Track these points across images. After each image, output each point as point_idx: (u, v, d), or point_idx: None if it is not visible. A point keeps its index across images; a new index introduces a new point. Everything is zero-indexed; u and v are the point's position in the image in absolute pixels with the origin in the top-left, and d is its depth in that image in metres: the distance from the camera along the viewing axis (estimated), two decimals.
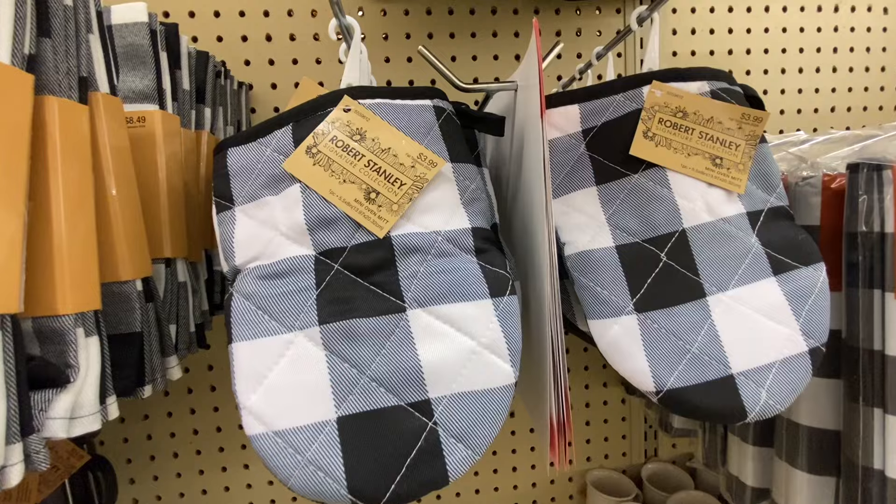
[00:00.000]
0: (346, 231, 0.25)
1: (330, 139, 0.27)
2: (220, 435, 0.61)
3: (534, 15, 0.61)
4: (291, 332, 0.23)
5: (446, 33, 0.60)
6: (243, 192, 0.27)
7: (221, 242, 0.26)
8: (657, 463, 0.69)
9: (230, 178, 0.27)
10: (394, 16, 0.59)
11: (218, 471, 0.61)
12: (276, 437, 0.21)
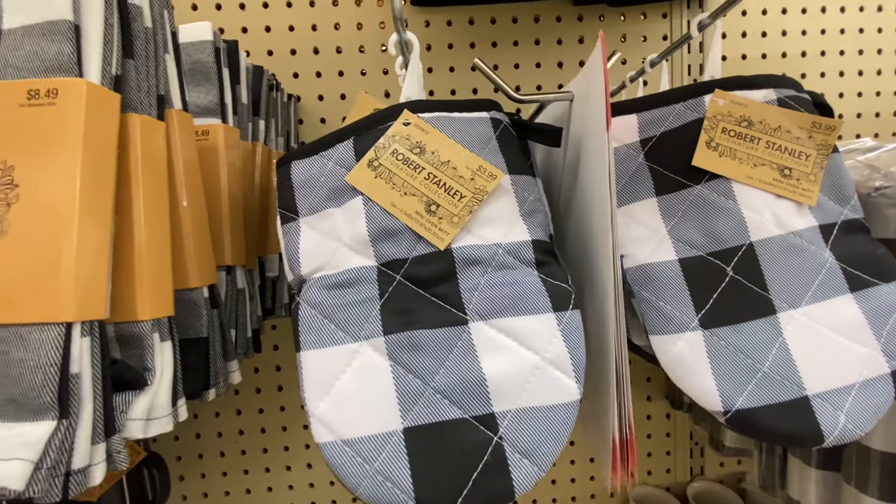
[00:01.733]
0: (408, 243, 0.25)
1: (391, 152, 0.27)
2: (265, 436, 0.62)
3: (577, 22, 0.61)
4: (357, 342, 0.23)
5: (488, 42, 0.60)
6: (307, 203, 0.28)
7: (287, 252, 0.27)
8: (704, 482, 0.67)
9: (294, 191, 0.28)
10: (437, 27, 0.60)
11: (261, 471, 0.63)
12: (345, 445, 0.21)
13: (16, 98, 0.21)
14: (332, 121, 0.60)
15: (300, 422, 0.61)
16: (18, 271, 0.21)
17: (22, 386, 0.20)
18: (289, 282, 0.28)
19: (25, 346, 0.20)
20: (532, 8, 0.60)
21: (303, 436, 0.62)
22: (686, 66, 0.62)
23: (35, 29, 0.22)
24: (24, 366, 0.20)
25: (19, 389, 0.20)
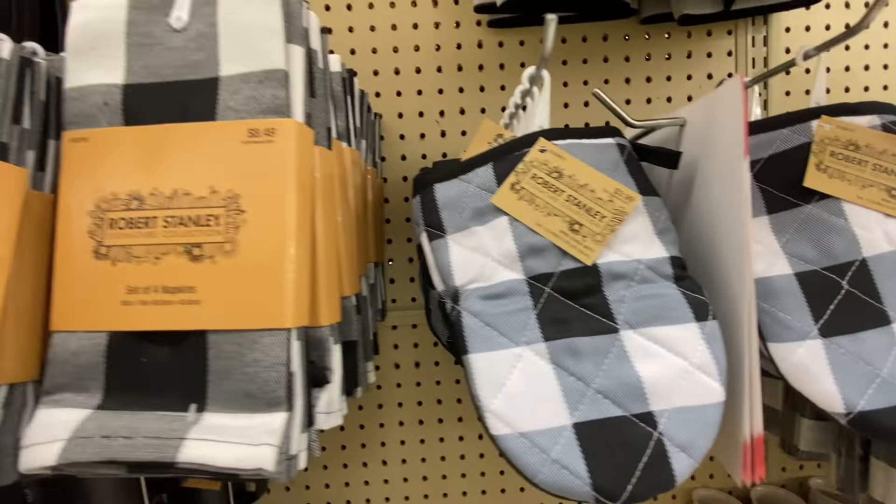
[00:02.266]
0: (554, 258, 0.29)
1: (531, 176, 0.30)
2: (362, 432, 0.65)
3: (644, 40, 0.63)
4: (519, 347, 0.27)
5: (559, 60, 0.63)
6: (453, 222, 0.31)
7: (438, 266, 0.30)
8: (767, 486, 0.68)
9: (440, 210, 0.32)
10: (510, 46, 0.63)
11: (359, 465, 0.65)
12: (522, 437, 0.24)
13: (239, 136, 0.25)
14: (410, 137, 0.63)
15: (396, 418, 0.64)
16: (249, 285, 0.24)
17: (258, 382, 0.23)
18: (438, 291, 0.31)
19: (258, 348, 0.24)
20: (601, 27, 0.63)
21: (398, 433, 0.65)
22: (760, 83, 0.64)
23: (252, 76, 0.26)
24: (258, 365, 0.24)
25: (255, 385, 0.23)
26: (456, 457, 0.66)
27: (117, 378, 0.25)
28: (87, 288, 0.25)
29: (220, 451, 0.22)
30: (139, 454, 0.22)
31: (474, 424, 0.65)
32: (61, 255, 0.26)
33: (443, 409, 0.65)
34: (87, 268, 0.25)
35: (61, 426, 0.23)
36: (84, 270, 0.25)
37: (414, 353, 0.64)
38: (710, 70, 0.65)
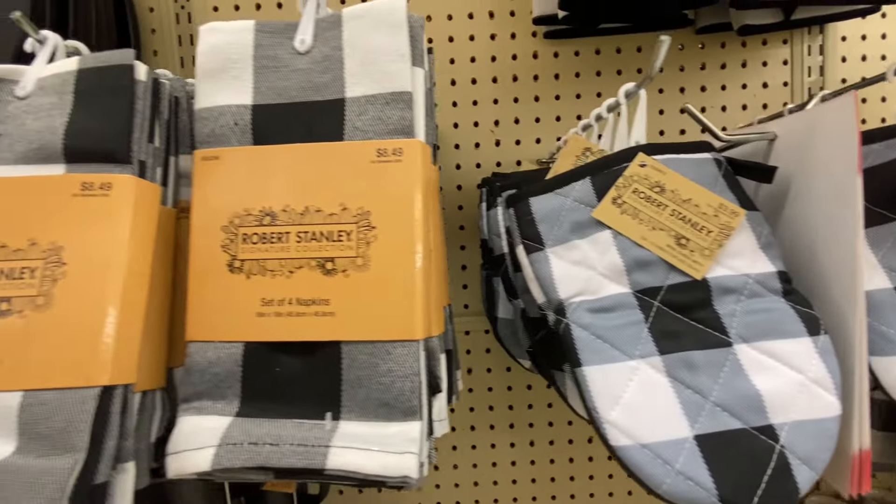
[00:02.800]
0: (661, 272, 0.29)
1: (632, 191, 0.31)
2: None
3: (699, 49, 0.64)
4: (634, 360, 0.27)
5: (613, 70, 0.64)
6: (551, 235, 0.32)
7: (539, 278, 0.31)
8: (820, 496, 0.67)
9: (537, 224, 0.32)
10: (565, 57, 0.64)
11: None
12: (644, 448, 0.25)
13: (368, 156, 0.26)
14: (465, 146, 0.64)
15: (468, 422, 0.65)
16: (381, 298, 0.25)
17: (393, 392, 0.24)
18: (539, 303, 0.32)
19: (391, 358, 0.25)
20: (656, 38, 0.63)
21: (469, 437, 0.66)
22: (806, 90, 0.64)
23: (379, 98, 0.27)
24: (393, 375, 0.25)
25: (391, 395, 0.24)
26: (526, 462, 0.66)
27: (253, 386, 0.26)
28: (223, 300, 0.26)
29: (365, 458, 0.23)
30: (288, 461, 0.23)
31: (545, 430, 0.66)
32: (195, 269, 0.27)
33: (514, 415, 0.65)
34: (222, 281, 0.26)
35: (208, 433, 0.24)
36: (219, 283, 0.26)
37: (486, 358, 0.65)
38: (765, 79, 0.65)
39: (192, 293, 0.27)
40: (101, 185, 0.25)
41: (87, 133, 0.26)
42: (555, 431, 0.65)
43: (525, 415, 0.65)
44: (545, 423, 0.65)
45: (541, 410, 0.65)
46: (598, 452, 0.66)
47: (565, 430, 0.65)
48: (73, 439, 0.22)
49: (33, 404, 0.22)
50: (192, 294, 0.27)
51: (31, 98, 0.27)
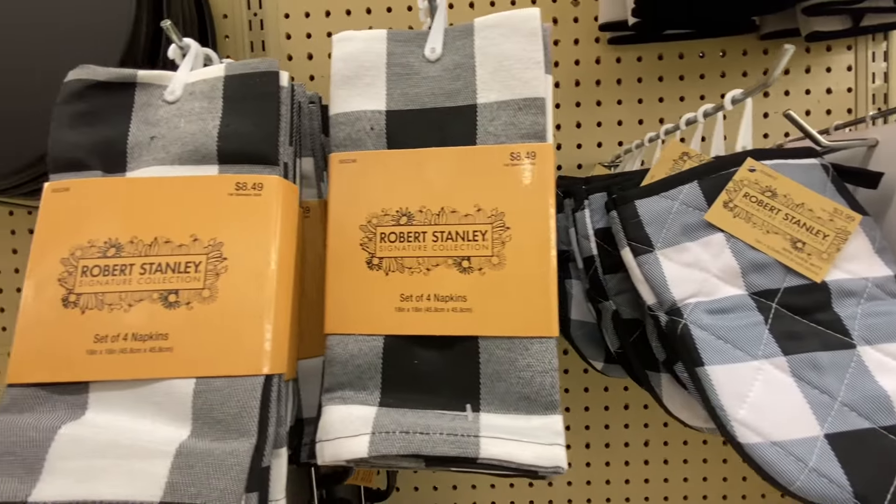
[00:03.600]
0: (778, 275, 0.30)
1: (743, 195, 0.32)
2: None
3: (762, 55, 0.64)
4: (758, 360, 0.28)
5: (676, 76, 0.64)
6: (660, 237, 0.33)
7: (649, 279, 0.32)
8: None
9: (644, 226, 0.33)
10: (628, 62, 0.64)
11: None
12: (776, 446, 0.26)
13: (501, 159, 0.27)
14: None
15: None
16: (517, 295, 0.26)
17: (534, 386, 0.25)
18: (648, 304, 0.32)
19: (530, 354, 0.26)
20: (719, 43, 0.64)
21: None
22: (871, 96, 0.64)
23: (511, 104, 0.28)
24: (532, 370, 0.26)
25: (532, 389, 0.25)
26: (621, 462, 0.66)
27: (393, 378, 0.27)
28: (362, 295, 0.28)
29: (519, 449, 0.24)
30: (442, 449, 0.24)
31: (641, 431, 0.66)
32: (333, 265, 0.28)
33: (609, 415, 0.66)
34: (361, 277, 0.28)
35: (359, 421, 0.25)
36: (358, 279, 0.28)
37: (563, 360, 0.65)
38: (829, 85, 0.65)
39: (330, 289, 0.28)
40: (253, 185, 0.27)
41: (238, 136, 0.27)
42: (650, 432, 0.66)
43: (622, 415, 0.65)
44: (642, 424, 0.65)
45: (639, 412, 0.65)
46: (701, 455, 0.66)
47: (660, 431, 0.66)
48: (246, 424, 0.23)
49: (206, 391, 0.24)
50: (330, 290, 0.28)
51: (181, 102, 0.29)
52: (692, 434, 0.66)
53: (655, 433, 0.66)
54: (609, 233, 0.40)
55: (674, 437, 0.66)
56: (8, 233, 0.66)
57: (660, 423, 0.66)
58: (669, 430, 0.66)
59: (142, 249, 0.26)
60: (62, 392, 0.24)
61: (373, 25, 0.65)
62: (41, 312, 0.25)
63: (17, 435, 0.22)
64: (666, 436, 0.66)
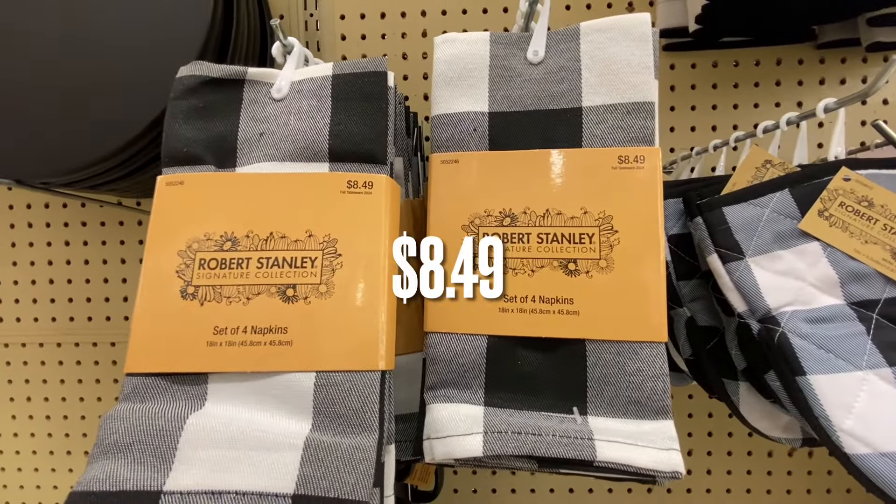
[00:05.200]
0: (878, 285, 0.30)
1: (838, 204, 0.31)
2: None
3: (818, 64, 0.63)
4: (862, 371, 0.28)
5: (730, 83, 0.64)
6: (751, 245, 0.32)
7: (740, 287, 0.32)
8: None
9: (734, 233, 0.33)
10: (682, 69, 0.64)
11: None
12: (885, 457, 0.25)
13: (609, 162, 0.28)
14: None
15: None
16: (626, 299, 0.26)
17: (644, 391, 0.25)
18: (739, 311, 0.32)
19: (639, 359, 0.26)
20: (774, 52, 0.63)
21: None
22: None
23: (619, 108, 0.28)
24: (642, 375, 0.26)
25: (642, 394, 0.25)
26: (703, 471, 0.66)
27: (497, 378, 0.27)
28: (465, 294, 0.28)
29: (636, 453, 0.24)
30: (558, 451, 0.24)
31: (725, 440, 0.65)
32: None
33: (693, 423, 0.65)
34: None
35: (469, 420, 0.25)
36: None
37: None
38: (885, 96, 0.65)
39: None
40: (364, 184, 0.27)
41: (349, 135, 0.28)
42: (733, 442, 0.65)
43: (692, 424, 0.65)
44: (724, 433, 0.64)
45: (703, 421, 0.65)
46: (786, 467, 0.65)
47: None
48: (368, 419, 0.23)
49: (327, 385, 0.24)
50: None
51: (289, 100, 0.29)
52: (777, 445, 0.65)
53: (739, 442, 0.66)
54: (683, 239, 0.40)
55: (758, 447, 0.65)
56: (79, 224, 0.67)
57: (744, 431, 0.65)
58: (753, 441, 0.65)
59: (258, 244, 0.26)
60: (181, 382, 0.24)
61: (428, 28, 0.65)
62: (159, 304, 0.25)
63: (145, 424, 0.22)
64: (750, 445, 0.66)
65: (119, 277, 0.68)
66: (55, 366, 0.70)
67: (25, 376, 0.70)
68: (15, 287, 0.69)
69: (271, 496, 0.21)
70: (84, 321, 0.69)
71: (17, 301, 0.69)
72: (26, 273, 0.68)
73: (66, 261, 0.68)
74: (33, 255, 0.68)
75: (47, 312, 0.69)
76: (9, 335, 0.69)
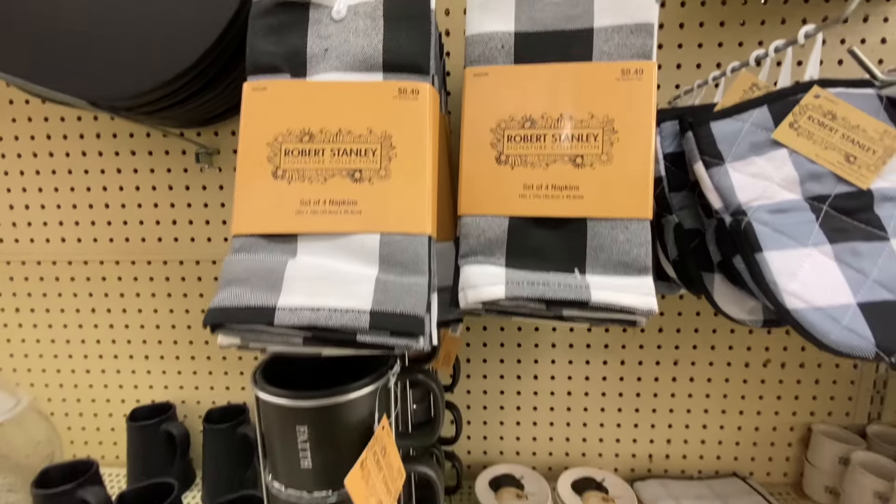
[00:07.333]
0: (830, 183, 0.36)
1: (807, 117, 0.37)
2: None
3: (823, 3, 0.66)
4: (807, 248, 0.35)
5: (737, 21, 0.67)
6: (730, 153, 0.39)
7: (718, 188, 0.38)
8: (881, 425, 0.75)
9: (717, 143, 0.39)
10: (691, 7, 0.67)
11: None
12: (817, 310, 0.33)
13: (613, 74, 0.33)
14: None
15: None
16: (620, 185, 0.33)
17: (631, 256, 0.33)
18: (715, 207, 0.39)
19: (629, 231, 0.33)
20: None
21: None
22: None
23: (624, 28, 0.34)
24: (630, 244, 0.33)
25: (629, 258, 0.33)
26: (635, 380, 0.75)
27: (515, 248, 0.34)
28: (491, 184, 0.35)
29: (621, 296, 0.31)
30: (562, 294, 0.31)
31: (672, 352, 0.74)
32: (467, 160, 0.35)
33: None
34: (491, 170, 0.35)
35: (493, 276, 0.33)
36: (488, 172, 0.35)
37: None
38: (884, 35, 0.67)
39: (463, 179, 0.35)
40: (412, 91, 0.33)
41: (399, 50, 0.34)
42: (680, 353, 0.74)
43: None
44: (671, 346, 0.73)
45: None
46: None
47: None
48: (420, 267, 0.31)
49: (388, 243, 0.31)
50: (463, 180, 0.35)
51: (347, 21, 0.35)
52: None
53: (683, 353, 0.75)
54: (677, 157, 0.46)
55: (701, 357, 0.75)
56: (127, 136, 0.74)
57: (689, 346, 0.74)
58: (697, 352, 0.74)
59: (330, 138, 0.33)
60: (277, 241, 0.32)
61: None
62: (255, 183, 0.32)
63: (256, 265, 0.30)
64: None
65: (184, 202, 0.75)
66: (130, 282, 0.79)
67: (105, 290, 0.79)
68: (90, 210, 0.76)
69: (355, 311, 0.29)
70: (154, 242, 0.77)
71: (93, 223, 0.77)
72: (100, 197, 0.76)
73: (136, 186, 0.75)
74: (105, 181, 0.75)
75: (121, 234, 0.77)
76: (87, 253, 0.78)
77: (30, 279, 0.79)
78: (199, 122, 0.70)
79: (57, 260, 0.78)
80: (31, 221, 0.77)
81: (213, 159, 0.74)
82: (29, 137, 0.74)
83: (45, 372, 0.82)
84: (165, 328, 0.80)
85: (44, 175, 0.75)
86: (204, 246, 0.77)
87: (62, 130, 0.74)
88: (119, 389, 0.82)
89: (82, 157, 0.75)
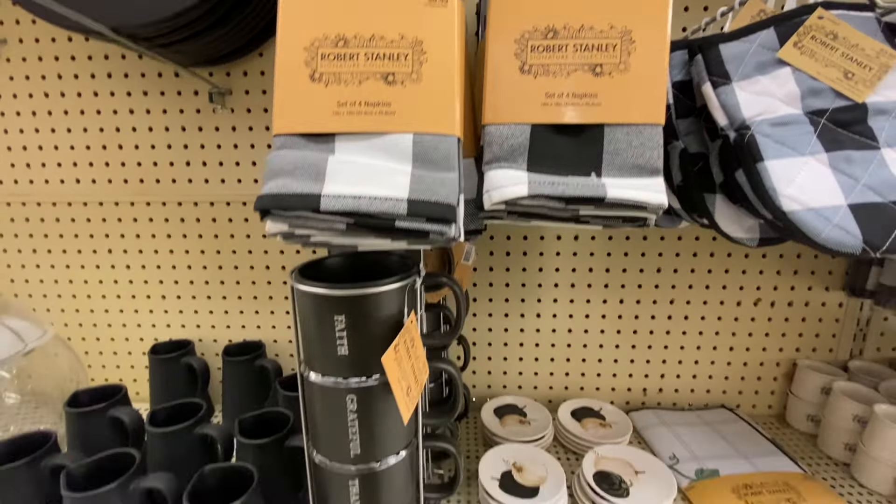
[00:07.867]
0: (829, 98, 0.39)
1: (810, 37, 0.40)
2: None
3: None
4: (805, 156, 0.37)
5: None
6: (737, 73, 0.41)
7: (724, 106, 0.41)
8: (862, 361, 0.80)
9: (724, 64, 0.41)
10: None
11: None
12: (810, 210, 0.36)
13: None
14: None
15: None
16: (636, 92, 0.35)
17: (644, 158, 0.35)
18: (721, 125, 0.41)
19: (643, 136, 0.35)
20: None
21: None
22: None
23: None
24: (644, 147, 0.35)
25: (643, 160, 0.35)
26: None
27: (536, 154, 0.37)
28: (514, 94, 0.37)
29: (634, 193, 0.34)
30: (579, 192, 0.34)
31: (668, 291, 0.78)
32: (492, 70, 0.37)
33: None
34: (515, 79, 0.37)
35: (516, 178, 0.36)
36: (511, 81, 0.37)
37: None
38: None
39: (488, 90, 0.37)
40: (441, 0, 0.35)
41: None
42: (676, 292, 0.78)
43: None
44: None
45: None
46: None
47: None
48: (450, 164, 0.33)
49: (421, 142, 0.33)
50: (488, 91, 0.37)
51: None
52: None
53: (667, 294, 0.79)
54: (685, 85, 0.48)
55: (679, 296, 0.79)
56: (138, 76, 0.75)
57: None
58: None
59: (363, 42, 0.34)
60: (316, 140, 0.34)
61: None
62: (293, 85, 0.34)
63: (299, 160, 0.32)
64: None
65: (197, 143, 0.76)
66: (145, 223, 0.80)
67: (120, 231, 0.81)
68: (103, 151, 0.77)
69: (394, 199, 0.31)
70: (168, 183, 0.78)
71: (106, 164, 0.78)
72: (112, 138, 0.76)
73: (149, 127, 0.76)
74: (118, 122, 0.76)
75: (134, 175, 0.78)
76: (100, 195, 0.79)
77: (46, 220, 0.81)
78: (212, 59, 0.71)
79: (72, 201, 0.80)
80: (44, 162, 0.78)
81: (226, 100, 0.75)
82: (40, 77, 0.75)
83: (63, 312, 0.85)
84: (181, 269, 0.82)
85: (56, 116, 0.76)
86: (217, 187, 0.79)
87: (73, 70, 0.74)
88: (137, 328, 0.85)
89: (94, 97, 0.75)
